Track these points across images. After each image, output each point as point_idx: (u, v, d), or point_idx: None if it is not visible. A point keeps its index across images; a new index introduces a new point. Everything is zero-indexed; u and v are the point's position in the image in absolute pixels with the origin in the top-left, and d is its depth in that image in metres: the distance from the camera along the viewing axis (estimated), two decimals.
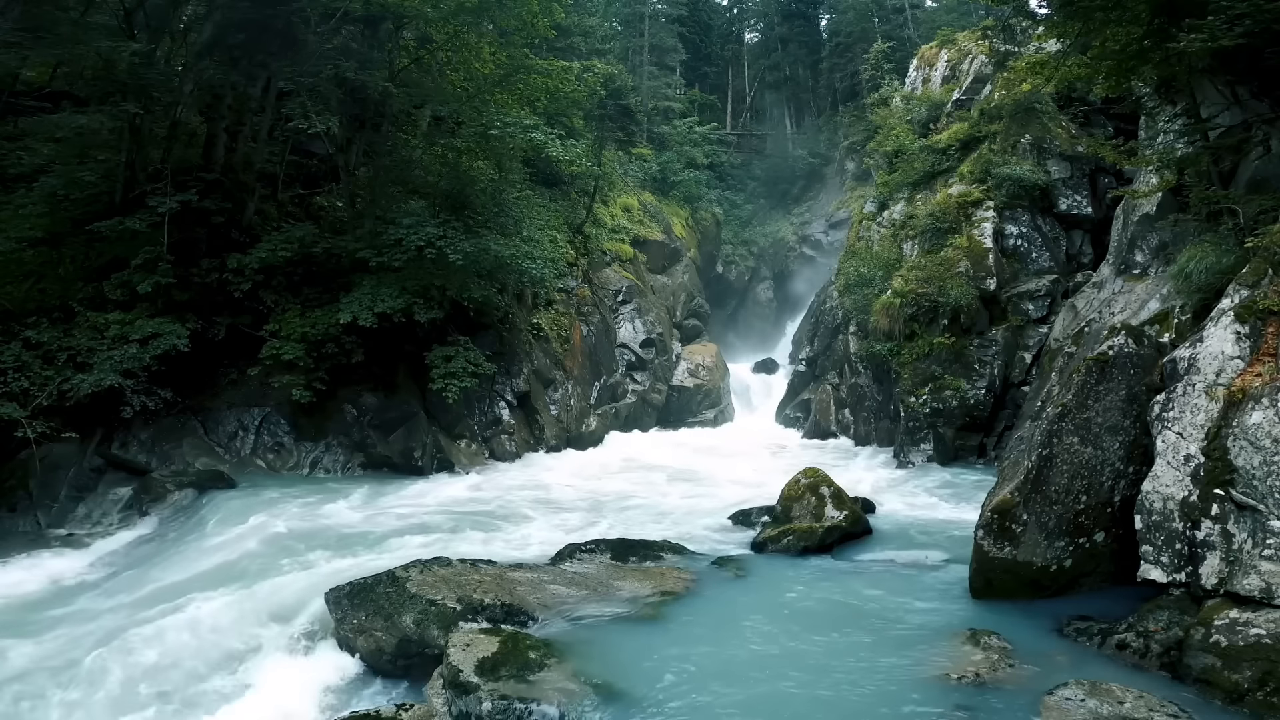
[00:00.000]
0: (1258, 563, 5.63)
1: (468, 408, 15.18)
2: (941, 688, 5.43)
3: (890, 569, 8.32)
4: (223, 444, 13.04)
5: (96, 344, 11.39)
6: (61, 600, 8.24)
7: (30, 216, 12.20)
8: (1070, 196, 16.83)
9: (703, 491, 13.13)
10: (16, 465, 10.80)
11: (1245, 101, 9.52)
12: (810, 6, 46.24)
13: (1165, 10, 8.52)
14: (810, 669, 5.83)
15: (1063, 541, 7.01)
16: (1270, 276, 6.76)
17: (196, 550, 9.45)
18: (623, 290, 22.35)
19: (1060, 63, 12.00)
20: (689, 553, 8.89)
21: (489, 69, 15.55)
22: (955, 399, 14.94)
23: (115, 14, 13.13)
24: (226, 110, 14.31)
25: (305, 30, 13.92)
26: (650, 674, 5.69)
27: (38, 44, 11.96)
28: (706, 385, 23.20)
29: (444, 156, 15.61)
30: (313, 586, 7.71)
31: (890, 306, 16.46)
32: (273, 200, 14.84)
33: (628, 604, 7.11)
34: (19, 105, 13.81)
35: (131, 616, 7.43)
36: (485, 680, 5.43)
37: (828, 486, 9.83)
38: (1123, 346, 7.60)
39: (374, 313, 12.75)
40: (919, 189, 19.21)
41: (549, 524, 10.79)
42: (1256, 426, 5.91)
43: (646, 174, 28.88)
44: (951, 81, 22.72)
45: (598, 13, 30.65)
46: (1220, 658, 5.38)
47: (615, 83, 25.95)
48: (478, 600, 6.80)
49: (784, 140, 42.69)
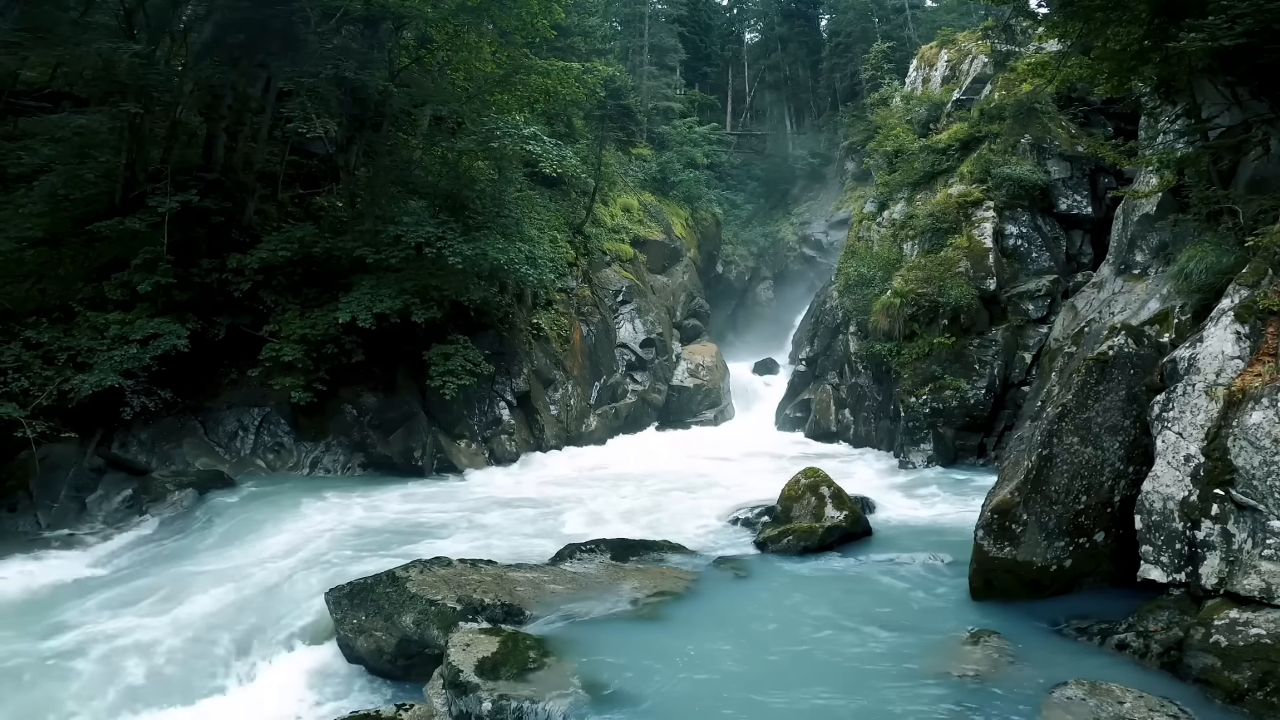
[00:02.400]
0: (1258, 563, 5.62)
1: (468, 408, 15.18)
2: (942, 687, 5.43)
3: (890, 569, 8.31)
4: (223, 444, 13.05)
5: (96, 344, 11.39)
6: (61, 600, 8.23)
7: (30, 216, 12.20)
8: (1070, 196, 16.83)
9: (703, 491, 13.12)
10: (16, 465, 10.79)
11: (1245, 101, 9.52)
12: (810, 6, 46.26)
13: (1165, 10, 8.52)
14: (810, 669, 5.84)
15: (1063, 541, 7.00)
16: (1270, 276, 6.76)
17: (196, 550, 9.47)
18: (623, 290, 22.35)
19: (1061, 63, 12.01)
20: (689, 552, 8.89)
21: (489, 69, 15.54)
22: (955, 399, 14.94)
23: (115, 14, 13.13)
24: (226, 110, 14.31)
25: (305, 30, 13.91)
26: (650, 674, 5.68)
27: (38, 44, 11.97)
28: (706, 385, 23.20)
29: (444, 157, 15.61)
30: (312, 586, 7.73)
31: (890, 306, 16.46)
32: (273, 200, 14.84)
33: (628, 604, 7.11)
34: (19, 105, 13.81)
35: (131, 617, 7.44)
36: (485, 680, 5.43)
37: (828, 486, 9.83)
38: (1123, 346, 7.60)
39: (372, 313, 12.75)
40: (919, 189, 19.21)
41: (549, 524, 10.79)
42: (1256, 426, 5.90)
43: (646, 174, 28.87)
44: (951, 81, 22.72)
45: (598, 13, 30.61)
46: (1220, 658, 5.37)
47: (615, 83, 25.93)
48: (478, 600, 6.80)
49: (784, 140, 42.70)
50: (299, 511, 10.73)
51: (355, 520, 10.62)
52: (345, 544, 9.41)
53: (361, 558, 8.85)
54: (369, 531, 10.07)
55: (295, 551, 9.13)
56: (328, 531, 9.97)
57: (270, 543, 9.53)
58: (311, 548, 9.25)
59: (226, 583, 8.12)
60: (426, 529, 10.30)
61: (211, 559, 9.13)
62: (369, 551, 9.10)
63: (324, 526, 10.21)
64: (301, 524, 10.27)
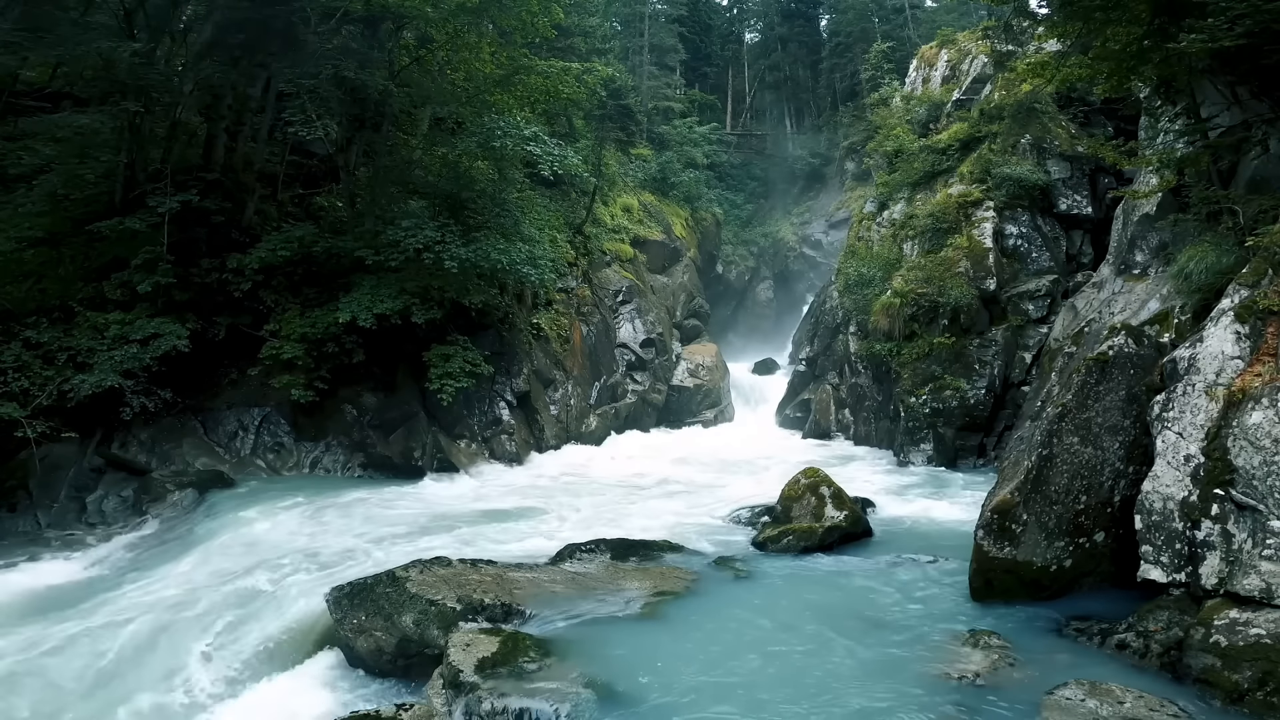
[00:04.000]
0: (1258, 563, 5.62)
1: (468, 408, 15.18)
2: (941, 687, 5.43)
3: (890, 569, 8.31)
4: (223, 444, 13.05)
5: (96, 344, 11.40)
6: (61, 600, 8.23)
7: (30, 216, 12.21)
8: (1070, 196, 16.83)
9: (702, 491, 13.13)
10: (16, 465, 10.80)
11: (1245, 101, 9.51)
12: (810, 6, 46.27)
13: (1165, 10, 8.52)
14: (810, 669, 5.83)
15: (1063, 541, 7.00)
16: (1270, 276, 6.75)
17: (196, 551, 9.45)
18: (623, 290, 22.35)
19: (1061, 63, 11.99)
20: (689, 552, 8.89)
21: (489, 69, 15.54)
22: (955, 399, 14.94)
23: (115, 14, 13.13)
24: (226, 110, 14.31)
25: (305, 30, 13.91)
26: (650, 674, 5.68)
27: (38, 44, 11.96)
28: (706, 385, 23.20)
29: (444, 157, 15.60)
30: (312, 586, 7.73)
31: (890, 306, 16.46)
32: (273, 200, 14.84)
33: (628, 604, 7.10)
34: (19, 105, 13.80)
35: (130, 616, 7.43)
36: (485, 680, 5.43)
37: (828, 486, 9.83)
38: (1123, 346, 7.60)
39: (373, 313, 12.75)
40: (919, 189, 19.21)
41: (549, 523, 10.79)
42: (1256, 426, 5.90)
43: (646, 174, 28.87)
44: (951, 81, 22.72)
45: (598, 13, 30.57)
46: (1220, 658, 5.37)
47: (615, 83, 25.92)
48: (478, 600, 6.80)
49: (784, 140, 42.71)
50: (298, 511, 10.73)
51: (355, 520, 10.62)
52: (345, 544, 9.41)
53: (362, 557, 8.86)
54: (369, 531, 10.07)
55: (295, 551, 9.12)
56: (328, 531, 9.97)
57: (269, 543, 9.52)
58: (311, 548, 9.24)
59: (226, 583, 8.12)
60: (426, 528, 10.30)
61: (211, 559, 9.11)
62: (369, 551, 9.10)
63: (324, 526, 10.21)
64: (301, 524, 10.27)
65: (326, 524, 10.34)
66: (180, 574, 8.69)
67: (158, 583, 8.51)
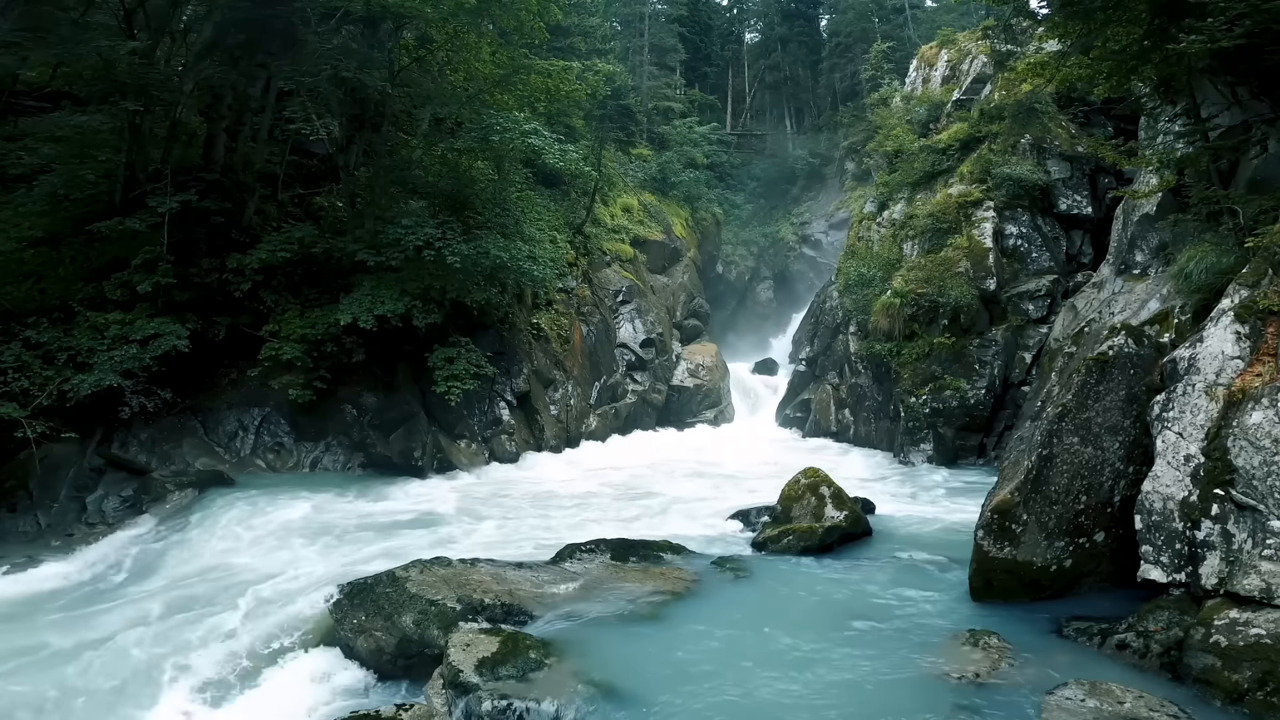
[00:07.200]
0: (1258, 563, 5.62)
1: (468, 408, 15.18)
2: (941, 688, 5.43)
3: (890, 569, 8.31)
4: (223, 444, 13.04)
5: (96, 344, 11.39)
6: (61, 600, 8.24)
7: (30, 216, 12.19)
8: (1070, 196, 16.84)
9: (703, 491, 13.13)
10: (16, 465, 10.79)
11: (1245, 101, 9.52)
12: (810, 6, 46.23)
13: (1165, 10, 8.52)
14: (810, 669, 5.83)
15: (1063, 541, 7.00)
16: (1270, 276, 6.76)
17: (196, 550, 9.46)
18: (623, 290, 22.35)
19: (1061, 63, 11.99)
20: (689, 552, 8.88)
21: (489, 69, 15.54)
22: (955, 399, 14.94)
23: (115, 14, 13.11)
24: (226, 110, 14.31)
25: (305, 30, 13.91)
26: (650, 674, 5.68)
27: (38, 44, 11.95)
28: (706, 385, 23.20)
29: (444, 157, 15.60)
30: (312, 586, 7.73)
31: (890, 306, 16.47)
32: (273, 200, 14.84)
33: (628, 604, 7.10)
34: (19, 105, 13.80)
35: (130, 616, 7.44)
36: (485, 680, 5.43)
37: (828, 486, 9.83)
38: (1123, 346, 7.60)
39: (373, 315, 12.74)
40: (919, 189, 19.21)
41: (549, 523, 10.79)
42: (1256, 426, 5.91)
43: (646, 174, 28.87)
44: (951, 82, 22.71)
45: (598, 13, 30.59)
46: (1220, 658, 5.37)
47: (615, 83, 25.92)
48: (478, 600, 6.80)
49: (784, 140, 42.68)
50: (298, 512, 10.73)
51: (355, 520, 10.63)
52: (345, 544, 9.42)
53: (361, 557, 8.86)
54: (369, 531, 10.08)
55: (294, 551, 9.13)
56: (327, 532, 9.98)
57: (269, 543, 9.53)
58: (311, 548, 9.26)
59: (225, 583, 8.12)
60: (425, 528, 10.31)
61: (210, 559, 9.12)
62: (368, 551, 9.10)
63: (323, 526, 10.21)
64: (300, 524, 10.27)
65: (326, 523, 10.34)
66: (180, 574, 8.70)
67: (158, 582, 8.51)
